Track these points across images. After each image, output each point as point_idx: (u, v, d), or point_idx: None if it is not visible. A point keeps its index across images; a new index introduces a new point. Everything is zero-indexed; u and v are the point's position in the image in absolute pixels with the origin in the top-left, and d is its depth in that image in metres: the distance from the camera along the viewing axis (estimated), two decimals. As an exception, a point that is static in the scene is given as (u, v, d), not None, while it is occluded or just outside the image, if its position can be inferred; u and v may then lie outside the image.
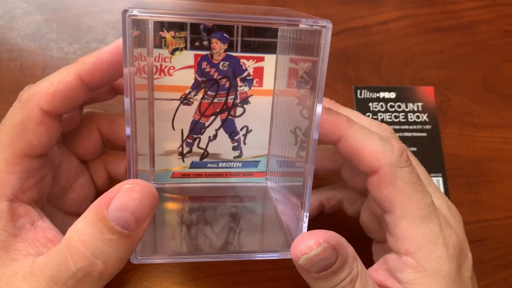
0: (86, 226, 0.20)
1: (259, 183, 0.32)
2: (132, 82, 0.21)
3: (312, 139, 0.23)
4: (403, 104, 0.40)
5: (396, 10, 0.41)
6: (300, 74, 0.26)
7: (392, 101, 0.40)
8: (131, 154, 0.22)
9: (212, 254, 0.25)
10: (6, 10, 0.32)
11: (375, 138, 0.24)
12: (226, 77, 0.28)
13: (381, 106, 0.40)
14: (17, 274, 0.21)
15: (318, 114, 0.22)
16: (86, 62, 0.23)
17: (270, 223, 0.29)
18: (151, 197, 0.20)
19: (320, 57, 0.21)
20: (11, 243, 0.21)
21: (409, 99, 0.41)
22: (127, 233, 0.20)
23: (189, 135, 0.29)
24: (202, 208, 0.30)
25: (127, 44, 0.20)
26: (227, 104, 0.29)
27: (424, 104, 0.41)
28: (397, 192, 0.24)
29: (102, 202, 0.20)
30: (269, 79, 0.29)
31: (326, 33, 0.21)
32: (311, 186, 0.24)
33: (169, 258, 0.25)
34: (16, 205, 0.22)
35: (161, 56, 0.27)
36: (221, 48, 0.27)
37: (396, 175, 0.24)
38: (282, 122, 0.29)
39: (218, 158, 0.30)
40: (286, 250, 0.25)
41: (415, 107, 0.40)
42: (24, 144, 0.22)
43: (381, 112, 0.40)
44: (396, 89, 0.41)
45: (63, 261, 0.20)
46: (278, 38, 0.28)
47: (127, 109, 0.21)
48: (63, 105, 0.23)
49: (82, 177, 0.28)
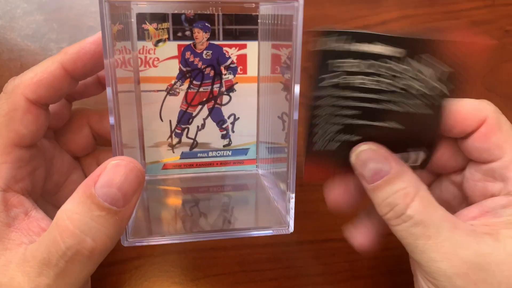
0: (75, 205, 0.20)
1: (250, 170, 0.32)
2: (113, 72, 0.21)
3: (292, 119, 0.23)
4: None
5: (396, 10, 0.40)
6: (283, 59, 0.26)
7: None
8: (116, 143, 0.22)
9: (207, 233, 0.25)
10: (6, 10, 0.32)
11: (467, 99, 0.26)
12: (210, 66, 0.29)
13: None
14: (11, 263, 0.21)
15: (296, 94, 0.23)
16: (69, 52, 0.23)
17: (263, 207, 0.30)
18: (137, 172, 0.21)
19: (295, 35, 0.22)
20: (4, 233, 0.22)
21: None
22: (115, 209, 0.20)
23: (178, 126, 0.30)
24: (195, 198, 0.31)
25: (106, 33, 0.21)
26: (213, 92, 0.29)
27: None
28: (506, 136, 0.25)
29: (89, 181, 0.20)
30: (253, 66, 0.29)
31: (297, 9, 0.21)
32: (295, 166, 0.24)
33: (161, 239, 0.25)
34: (9, 195, 0.23)
35: (145, 48, 0.28)
36: (203, 37, 0.28)
37: (501, 121, 0.25)
38: (268, 108, 0.29)
39: (208, 148, 0.31)
40: (279, 226, 0.25)
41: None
42: (13, 134, 0.23)
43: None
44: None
45: (53, 241, 0.20)
46: (258, 25, 0.28)
47: (109, 99, 0.22)
48: (47, 94, 0.23)
49: (75, 173, 0.28)
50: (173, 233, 0.25)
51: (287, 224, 0.25)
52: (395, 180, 0.24)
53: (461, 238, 0.23)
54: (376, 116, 0.25)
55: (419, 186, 0.24)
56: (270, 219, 0.27)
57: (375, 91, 0.24)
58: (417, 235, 0.23)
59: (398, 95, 0.24)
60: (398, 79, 0.24)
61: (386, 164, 0.24)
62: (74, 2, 0.33)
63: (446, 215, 0.24)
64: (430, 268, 0.23)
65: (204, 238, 0.25)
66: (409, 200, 0.23)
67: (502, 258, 0.23)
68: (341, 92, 0.24)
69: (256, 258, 0.35)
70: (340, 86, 0.24)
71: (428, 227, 0.23)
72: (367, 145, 0.25)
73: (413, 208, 0.23)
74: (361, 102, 0.25)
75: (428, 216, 0.23)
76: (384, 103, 0.25)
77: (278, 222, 0.26)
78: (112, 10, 0.21)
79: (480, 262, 0.23)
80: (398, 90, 0.24)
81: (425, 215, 0.23)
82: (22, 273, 0.21)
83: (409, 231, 0.23)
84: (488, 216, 0.24)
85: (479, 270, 0.23)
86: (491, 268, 0.23)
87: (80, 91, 0.27)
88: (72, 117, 0.28)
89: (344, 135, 0.26)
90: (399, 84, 0.24)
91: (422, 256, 0.23)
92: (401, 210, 0.23)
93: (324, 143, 0.26)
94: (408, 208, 0.23)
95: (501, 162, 0.25)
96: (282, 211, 0.26)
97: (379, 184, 0.24)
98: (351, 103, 0.25)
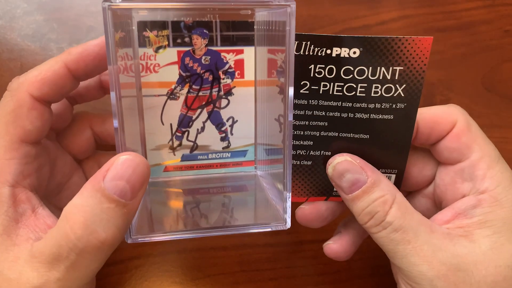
0: (84, 199, 0.21)
1: (249, 172, 0.33)
2: (117, 77, 0.22)
3: (288, 120, 0.24)
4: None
5: (396, 10, 0.40)
6: (279, 64, 0.27)
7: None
8: (119, 145, 0.23)
9: (208, 230, 0.26)
10: (6, 10, 0.32)
11: (436, 106, 0.27)
12: (209, 70, 0.30)
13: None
14: (19, 259, 0.21)
15: (290, 96, 0.23)
16: (73, 52, 0.24)
17: (261, 207, 0.31)
18: (144, 166, 0.22)
19: (288, 38, 0.23)
20: (13, 228, 0.22)
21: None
22: (124, 202, 0.21)
23: (178, 129, 0.31)
24: (196, 199, 0.31)
25: (110, 39, 0.22)
26: (212, 96, 0.30)
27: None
28: (475, 137, 0.26)
29: (97, 176, 0.21)
30: (250, 70, 0.30)
31: (290, 15, 0.22)
32: (290, 166, 0.25)
33: (164, 235, 0.25)
34: (17, 191, 0.23)
35: (146, 54, 0.29)
36: (202, 43, 0.29)
37: (470, 123, 0.26)
38: (266, 111, 0.30)
39: (208, 150, 0.32)
40: (277, 222, 0.26)
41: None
42: (20, 130, 0.23)
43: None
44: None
45: (63, 235, 0.21)
46: (255, 31, 0.29)
47: (113, 103, 0.23)
48: (51, 92, 0.24)
49: (77, 175, 0.29)
50: (174, 231, 0.26)
51: (284, 220, 0.26)
52: (373, 189, 0.24)
53: (438, 241, 0.24)
54: (343, 126, 0.26)
55: (395, 192, 0.25)
56: (268, 217, 0.28)
57: (338, 97, 0.25)
58: (397, 240, 0.24)
59: (360, 99, 0.25)
60: (356, 82, 0.25)
61: (363, 173, 0.25)
62: (74, 2, 0.33)
63: (422, 219, 0.25)
64: (412, 273, 0.24)
65: (204, 234, 0.26)
66: (388, 207, 0.24)
67: (478, 258, 0.23)
68: (310, 101, 0.25)
69: (256, 258, 0.35)
70: (309, 95, 0.25)
71: (407, 232, 0.24)
72: (342, 157, 0.26)
73: (392, 214, 0.24)
74: (328, 111, 0.26)
75: (406, 221, 0.24)
76: (349, 111, 0.26)
77: (276, 219, 0.27)
78: (115, 19, 0.22)
79: (458, 263, 0.23)
80: (358, 93, 0.25)
81: (403, 220, 0.24)
82: (31, 269, 0.21)
83: (389, 237, 0.24)
84: (460, 218, 0.25)
85: (458, 271, 0.23)
86: (469, 268, 0.23)
87: (82, 94, 0.28)
88: (75, 119, 0.29)
89: (316, 151, 0.27)
90: (358, 87, 0.25)
91: (403, 261, 0.24)
92: (381, 218, 0.24)
93: (298, 158, 0.27)
94: (387, 214, 0.24)
95: (469, 161, 0.26)
96: (280, 210, 0.27)
97: (357, 194, 0.25)
98: (319, 113, 0.26)
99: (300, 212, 0.29)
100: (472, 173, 0.26)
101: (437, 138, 0.27)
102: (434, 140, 0.27)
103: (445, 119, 0.26)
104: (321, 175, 0.28)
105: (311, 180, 0.28)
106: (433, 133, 0.27)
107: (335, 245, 0.29)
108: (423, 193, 0.30)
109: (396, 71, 0.25)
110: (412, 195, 0.31)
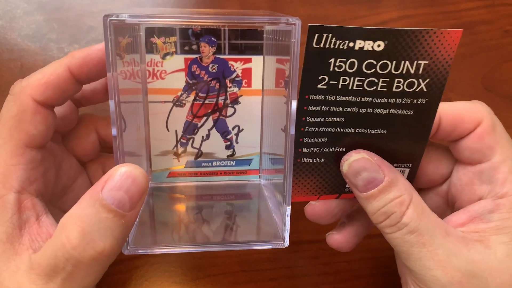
0: (81, 209, 0.21)
1: (253, 180, 0.33)
2: (116, 85, 0.22)
3: (289, 134, 0.24)
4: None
5: (396, 10, 0.40)
6: (287, 74, 0.27)
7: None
8: (118, 153, 0.23)
9: (208, 245, 0.26)
10: (6, 10, 0.32)
11: (461, 102, 0.26)
12: (216, 78, 0.29)
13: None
14: (19, 269, 0.21)
15: (293, 110, 0.23)
16: (76, 56, 0.24)
17: (263, 218, 0.30)
18: (143, 178, 0.21)
19: (292, 54, 0.22)
20: (17, 236, 0.22)
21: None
22: (122, 212, 0.21)
23: (183, 136, 0.31)
24: (199, 206, 0.31)
25: (110, 48, 0.21)
26: (218, 104, 0.30)
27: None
28: (498, 138, 0.25)
29: (96, 187, 0.21)
30: (258, 79, 0.30)
31: (295, 30, 0.22)
32: (291, 179, 0.25)
33: (160, 248, 0.25)
34: (23, 197, 0.23)
35: (153, 61, 0.29)
36: (209, 51, 0.29)
37: (495, 123, 0.25)
38: (272, 120, 0.30)
39: (212, 157, 0.32)
40: (276, 240, 0.26)
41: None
42: (24, 135, 0.23)
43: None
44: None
45: (59, 245, 0.20)
46: (264, 40, 0.29)
47: (112, 111, 0.23)
48: (55, 96, 0.24)
49: (81, 178, 0.29)
50: (174, 243, 0.26)
51: (282, 238, 0.26)
52: (390, 188, 0.24)
53: (453, 245, 0.23)
54: (361, 122, 0.25)
55: (412, 192, 0.24)
56: (269, 232, 0.27)
57: (358, 92, 0.24)
58: (412, 242, 0.23)
59: (380, 94, 0.24)
60: (378, 76, 0.24)
61: (380, 172, 0.24)
62: (74, 2, 0.33)
63: (438, 221, 0.24)
64: (425, 276, 0.23)
65: (204, 249, 0.26)
66: (404, 208, 0.23)
67: (494, 265, 0.23)
68: (328, 96, 0.24)
69: (256, 258, 0.35)
70: (327, 90, 0.24)
71: (423, 234, 0.23)
72: (359, 154, 0.25)
73: (408, 215, 0.23)
74: (346, 107, 0.25)
75: (423, 223, 0.23)
76: (368, 106, 0.24)
77: (275, 234, 0.26)
78: (122, 25, 0.22)
79: (473, 270, 0.23)
80: (379, 88, 0.24)
81: (419, 222, 0.23)
82: (29, 280, 0.21)
83: (404, 239, 0.23)
84: (476, 222, 0.24)
85: (473, 278, 0.23)
86: (484, 276, 0.23)
87: (88, 97, 0.28)
88: (80, 122, 0.29)
89: (330, 147, 0.26)
90: (379, 82, 0.24)
91: (416, 264, 0.23)
92: (397, 219, 0.23)
93: (312, 156, 0.26)
94: (404, 215, 0.23)
95: (490, 164, 0.25)
96: (279, 223, 0.27)
97: (373, 193, 0.24)
98: (336, 109, 0.25)
99: (310, 208, 0.28)
100: (492, 176, 0.25)
101: (459, 136, 0.26)
102: (455, 137, 0.26)
103: (469, 117, 0.25)
104: (334, 171, 0.27)
105: (323, 178, 0.27)
106: (456, 130, 0.26)
107: (338, 235, 0.28)
108: (436, 191, 0.29)
109: (421, 65, 0.24)
110: (424, 192, 0.30)
